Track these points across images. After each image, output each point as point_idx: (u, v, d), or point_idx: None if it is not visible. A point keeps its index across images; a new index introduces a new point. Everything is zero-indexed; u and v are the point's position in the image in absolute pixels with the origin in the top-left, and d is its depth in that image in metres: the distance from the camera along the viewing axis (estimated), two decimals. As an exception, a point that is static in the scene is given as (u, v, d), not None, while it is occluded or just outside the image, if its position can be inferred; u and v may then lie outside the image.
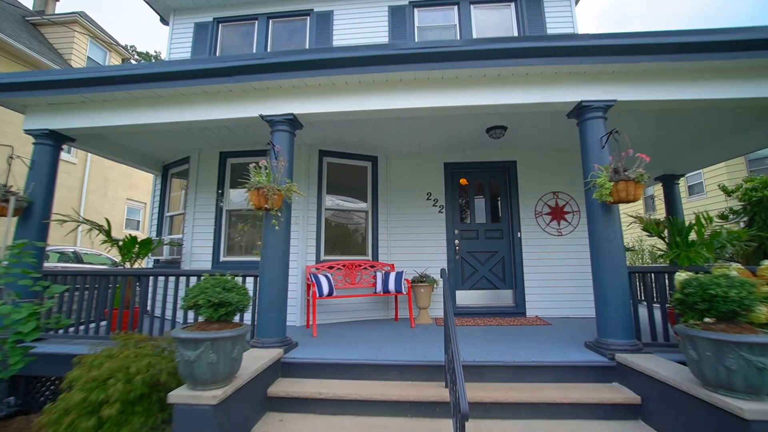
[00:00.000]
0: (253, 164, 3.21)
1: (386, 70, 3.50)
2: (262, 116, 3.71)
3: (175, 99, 3.92)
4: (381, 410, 2.86)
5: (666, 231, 4.39)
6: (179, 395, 2.19)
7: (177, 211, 6.05)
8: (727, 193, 8.03)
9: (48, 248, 8.83)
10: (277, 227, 3.32)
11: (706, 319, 2.29)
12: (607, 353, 3.13)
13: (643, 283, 3.59)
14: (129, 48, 21.62)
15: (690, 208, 12.46)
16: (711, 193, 11.67)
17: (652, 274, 3.62)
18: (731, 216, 6.99)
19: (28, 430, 3.34)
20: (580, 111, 3.59)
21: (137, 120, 4.03)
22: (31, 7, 13.15)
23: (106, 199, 12.86)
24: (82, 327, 3.90)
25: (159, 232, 6.11)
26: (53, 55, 11.00)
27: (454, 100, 3.62)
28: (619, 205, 3.26)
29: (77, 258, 9.24)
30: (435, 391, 2.93)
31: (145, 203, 15.00)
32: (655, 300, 3.60)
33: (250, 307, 2.96)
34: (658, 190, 10.80)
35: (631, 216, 4.97)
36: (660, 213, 12.48)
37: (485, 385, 3.02)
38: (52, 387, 3.73)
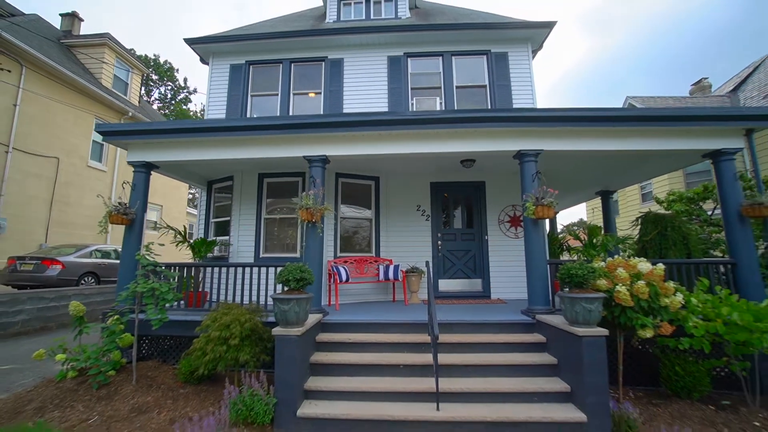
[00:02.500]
0: (304, 193, 4.90)
1: (389, 129, 5.23)
2: (304, 156, 5.38)
3: (240, 142, 5.55)
4: (387, 349, 4.59)
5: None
6: (278, 331, 3.89)
7: (214, 217, 7.67)
8: (659, 202, 9.99)
9: (90, 247, 10.39)
10: (321, 234, 5.03)
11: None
12: (532, 315, 4.90)
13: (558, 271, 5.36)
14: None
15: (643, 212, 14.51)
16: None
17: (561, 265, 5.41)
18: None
19: (144, 368, 4.97)
20: (520, 155, 5.34)
21: (210, 156, 5.65)
22: (58, 27, 14.49)
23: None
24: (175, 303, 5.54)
25: (206, 234, 7.71)
26: (89, 76, 12.42)
27: (436, 148, 5.35)
28: (544, 219, 5.04)
29: (117, 255, 10.70)
30: (422, 337, 4.66)
31: (162, 206, 16.45)
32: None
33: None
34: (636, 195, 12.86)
35: (563, 224, 6.76)
36: (625, 213, 14.51)
37: (453, 334, 4.76)
38: (156, 344, 5.38)
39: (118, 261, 10.44)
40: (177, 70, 36.36)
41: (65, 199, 11.50)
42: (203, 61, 8.71)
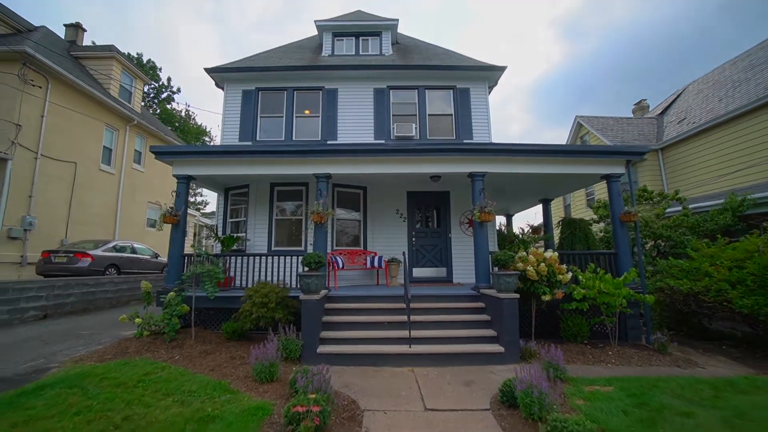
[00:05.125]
0: (316, 201, 6.73)
1: (376, 155, 7.14)
2: (314, 174, 7.18)
3: (263, 162, 7.29)
4: (375, 313, 6.49)
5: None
6: (303, 296, 5.71)
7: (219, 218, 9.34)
8: (591, 207, 12.34)
9: (111, 243, 11.78)
10: (326, 231, 6.87)
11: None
12: (477, 290, 6.91)
13: (498, 259, 7.41)
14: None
15: (587, 215, 17.00)
16: (599, 204, 16.16)
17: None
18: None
19: (194, 331, 6.66)
20: (471, 176, 7.34)
21: (238, 172, 7.37)
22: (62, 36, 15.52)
23: (134, 203, 15.53)
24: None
25: (223, 231, 9.36)
26: (100, 87, 13.66)
27: (411, 169, 7.29)
28: (489, 221, 7.07)
29: (132, 249, 12.11)
30: (399, 305, 6.58)
31: (163, 203, 17.68)
32: (504, 267, 7.46)
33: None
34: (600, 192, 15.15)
35: (521, 226, 8.89)
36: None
37: (422, 303, 6.70)
38: (198, 315, 7.06)
39: (135, 255, 11.97)
40: (160, 69, 36.82)
41: (81, 199, 12.75)
42: (218, 86, 10.31)
